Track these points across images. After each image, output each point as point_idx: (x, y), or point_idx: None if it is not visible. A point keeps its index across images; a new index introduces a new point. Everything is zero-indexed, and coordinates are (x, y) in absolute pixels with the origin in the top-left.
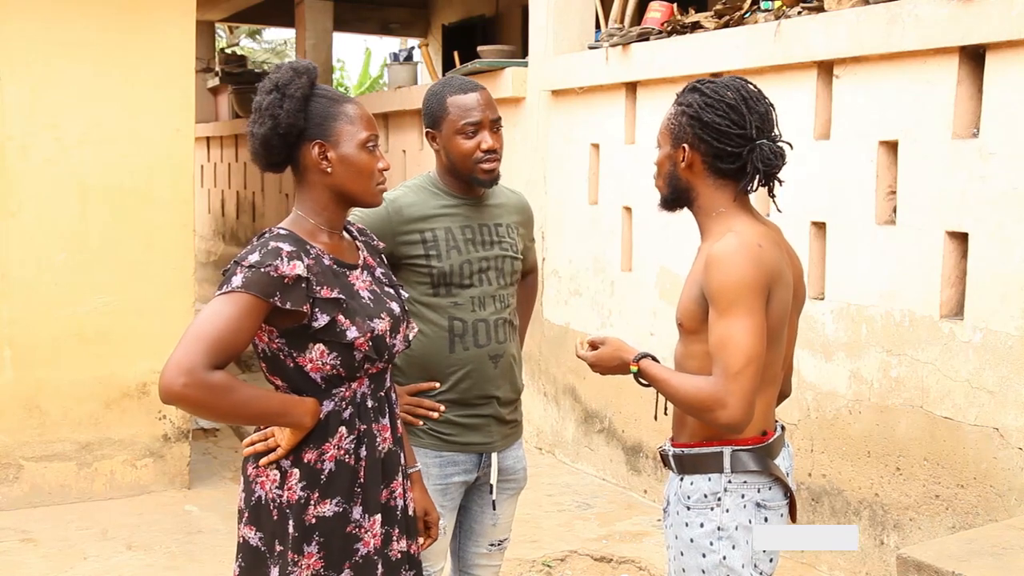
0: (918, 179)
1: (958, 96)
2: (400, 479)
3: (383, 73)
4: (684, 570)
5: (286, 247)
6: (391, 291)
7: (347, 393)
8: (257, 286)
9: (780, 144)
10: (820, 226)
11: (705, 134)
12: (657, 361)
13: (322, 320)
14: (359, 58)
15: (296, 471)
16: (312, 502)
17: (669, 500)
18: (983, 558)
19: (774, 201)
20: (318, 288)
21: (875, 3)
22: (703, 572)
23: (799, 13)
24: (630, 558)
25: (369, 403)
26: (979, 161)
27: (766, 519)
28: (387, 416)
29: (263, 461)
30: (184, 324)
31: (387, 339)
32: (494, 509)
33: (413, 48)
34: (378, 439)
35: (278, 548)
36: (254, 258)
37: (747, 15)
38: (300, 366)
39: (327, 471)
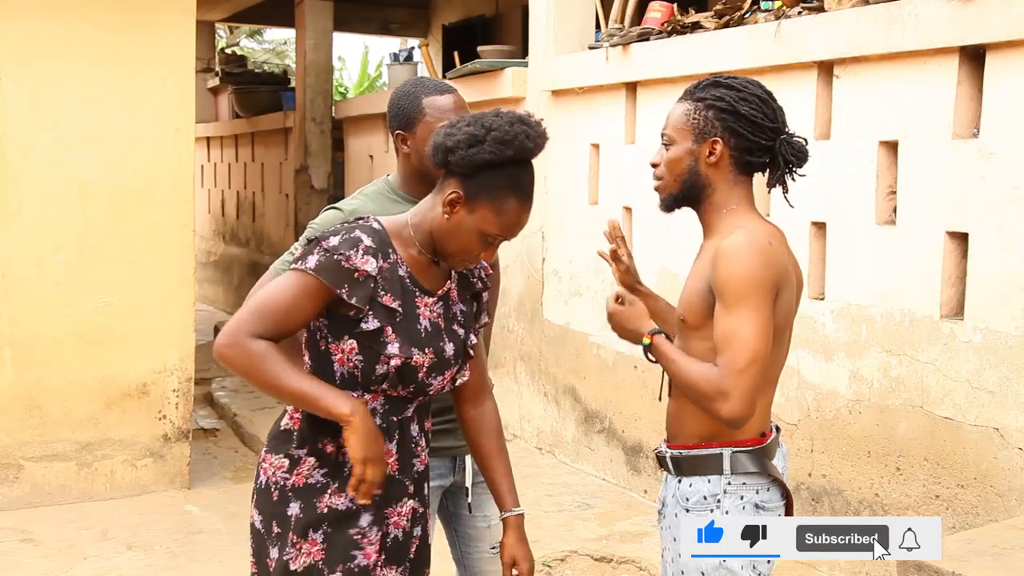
0: (918, 179)
1: (958, 96)
2: (396, 507)
3: (381, 72)
4: (683, 572)
5: (367, 240)
6: (459, 331)
7: None
8: (328, 273)
9: (799, 138)
10: (820, 226)
11: (740, 127)
12: (671, 340)
13: (372, 324)
14: (359, 58)
15: (311, 459)
16: (329, 491)
17: (666, 502)
18: (983, 558)
19: (786, 197)
20: (383, 292)
21: (875, 3)
22: (702, 574)
23: (799, 13)
24: (630, 558)
25: (377, 420)
26: (979, 161)
27: None
28: (394, 443)
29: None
30: (184, 324)
31: (419, 373)
32: (470, 512)
33: (413, 48)
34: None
35: (275, 530)
36: (333, 242)
37: (747, 15)
38: (330, 352)
39: (349, 465)
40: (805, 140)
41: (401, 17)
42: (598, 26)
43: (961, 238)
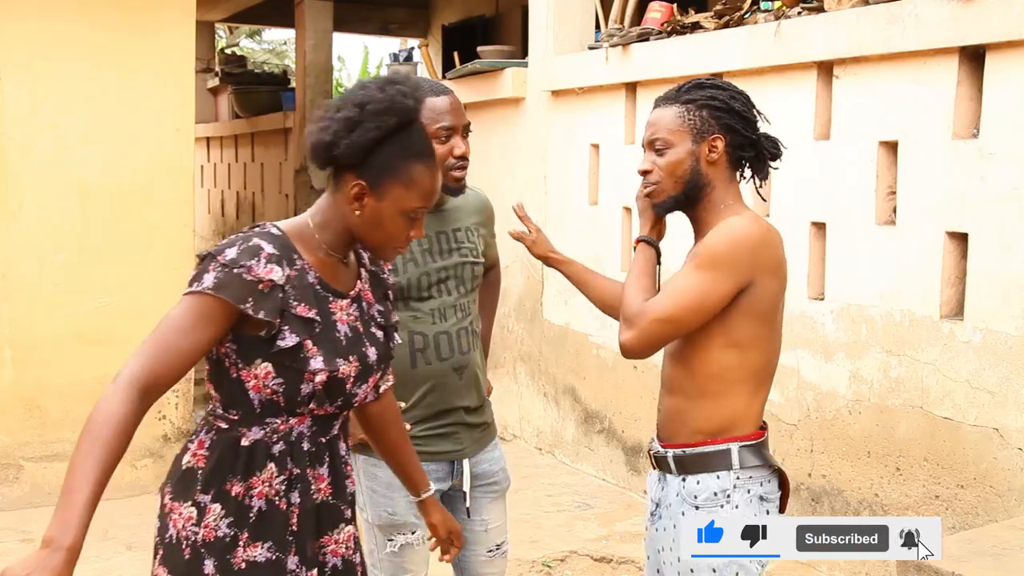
0: (918, 179)
1: (958, 96)
2: (333, 535)
3: (381, 72)
4: (692, 570)
5: (268, 248)
6: (378, 333)
7: (282, 427)
8: (228, 289)
9: (772, 133)
10: (820, 226)
11: (735, 123)
12: (659, 255)
13: (290, 340)
14: (359, 57)
15: (216, 506)
16: (241, 543)
17: (662, 503)
18: (983, 558)
19: (759, 191)
20: (295, 303)
21: (875, 3)
22: (714, 571)
23: (799, 13)
24: (630, 558)
25: (305, 445)
26: (979, 161)
27: (768, 512)
28: (326, 466)
29: None
30: None
31: (347, 384)
32: (468, 516)
33: (413, 48)
34: (313, 488)
35: None
36: (231, 254)
37: (747, 15)
38: (242, 380)
39: (256, 509)
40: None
41: (401, 17)
42: (598, 26)
43: (961, 238)
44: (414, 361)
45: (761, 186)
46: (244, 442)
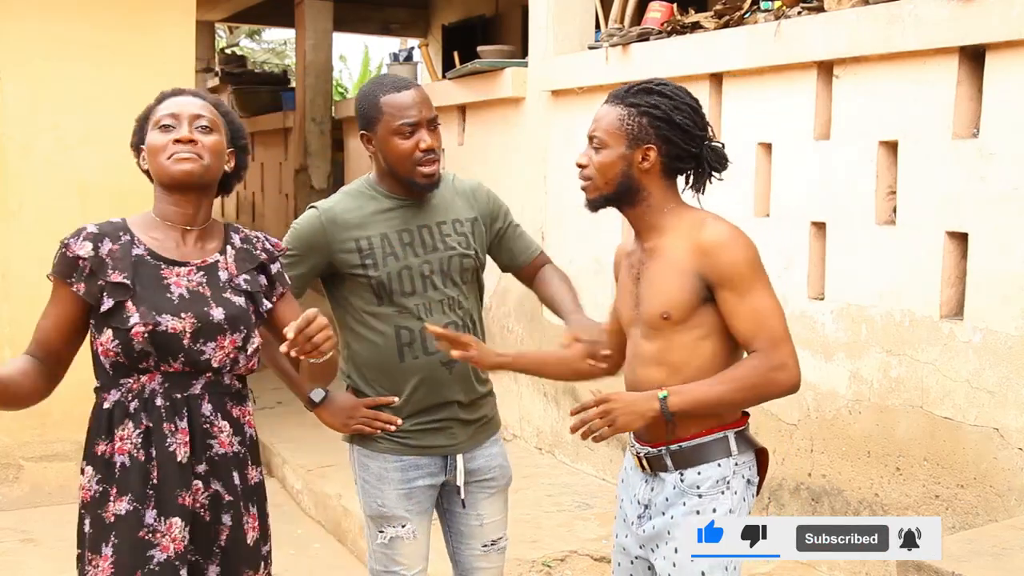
0: (918, 179)
1: (958, 96)
2: (186, 495)
3: (381, 72)
4: (694, 559)
5: (92, 228)
6: (236, 299)
7: (134, 386)
8: (58, 267)
9: (718, 143)
10: (820, 226)
11: (673, 135)
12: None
13: (107, 303)
14: (359, 57)
15: (90, 468)
16: (111, 498)
17: (656, 501)
18: (983, 558)
19: (698, 198)
20: (111, 272)
21: (875, 3)
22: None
23: (799, 13)
24: None
25: (158, 401)
26: (979, 161)
27: (753, 494)
28: (185, 421)
29: None
30: None
31: (183, 340)
32: (463, 507)
33: (413, 48)
34: (170, 440)
35: (77, 552)
36: (65, 237)
37: (747, 15)
38: (96, 348)
39: (119, 464)
40: (723, 144)
41: (401, 17)
42: (598, 26)
43: (961, 238)
44: (402, 355)
45: (702, 193)
46: (106, 405)
